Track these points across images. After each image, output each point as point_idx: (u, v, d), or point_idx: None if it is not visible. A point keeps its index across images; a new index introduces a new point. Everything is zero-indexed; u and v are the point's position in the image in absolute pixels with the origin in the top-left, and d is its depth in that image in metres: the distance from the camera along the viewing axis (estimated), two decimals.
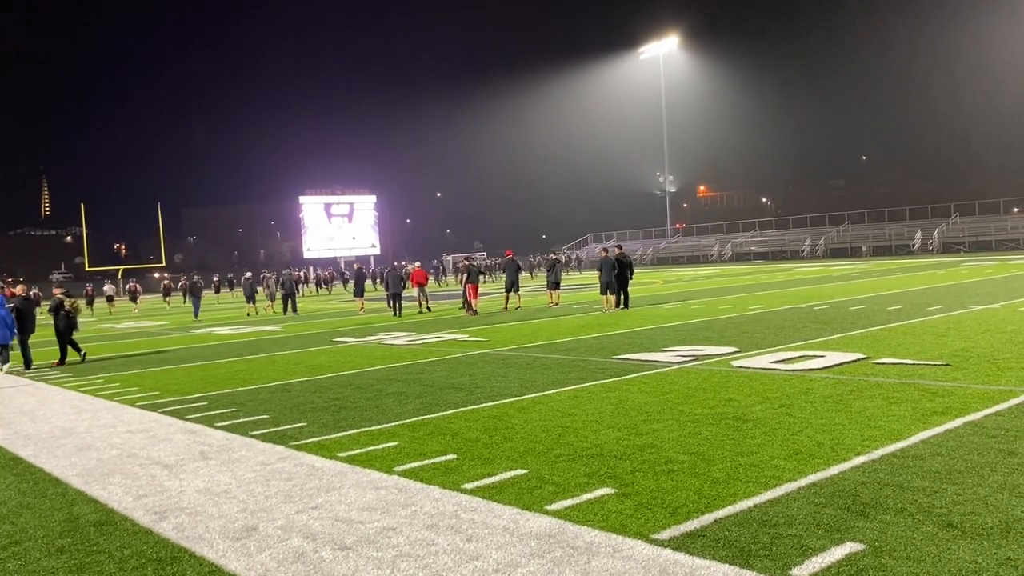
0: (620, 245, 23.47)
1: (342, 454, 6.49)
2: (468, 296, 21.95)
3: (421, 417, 7.83)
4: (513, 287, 22.70)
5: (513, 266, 23.34)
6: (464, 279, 22.59)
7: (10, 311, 14.63)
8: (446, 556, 4.16)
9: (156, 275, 64.44)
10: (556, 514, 4.68)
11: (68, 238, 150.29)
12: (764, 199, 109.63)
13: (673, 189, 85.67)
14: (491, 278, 47.13)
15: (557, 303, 23.07)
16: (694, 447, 6.02)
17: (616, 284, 19.85)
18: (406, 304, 24.69)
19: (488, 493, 5.19)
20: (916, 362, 9.19)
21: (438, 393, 9.18)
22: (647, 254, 73.27)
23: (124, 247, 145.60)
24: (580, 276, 50.32)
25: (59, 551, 4.67)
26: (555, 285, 23.58)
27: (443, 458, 6.16)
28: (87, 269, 68.15)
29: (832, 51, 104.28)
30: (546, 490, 5.16)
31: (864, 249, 59.22)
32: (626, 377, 9.47)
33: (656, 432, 6.57)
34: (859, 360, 9.58)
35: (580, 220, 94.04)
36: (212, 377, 11.97)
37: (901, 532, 4.08)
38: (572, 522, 4.52)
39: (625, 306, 19.97)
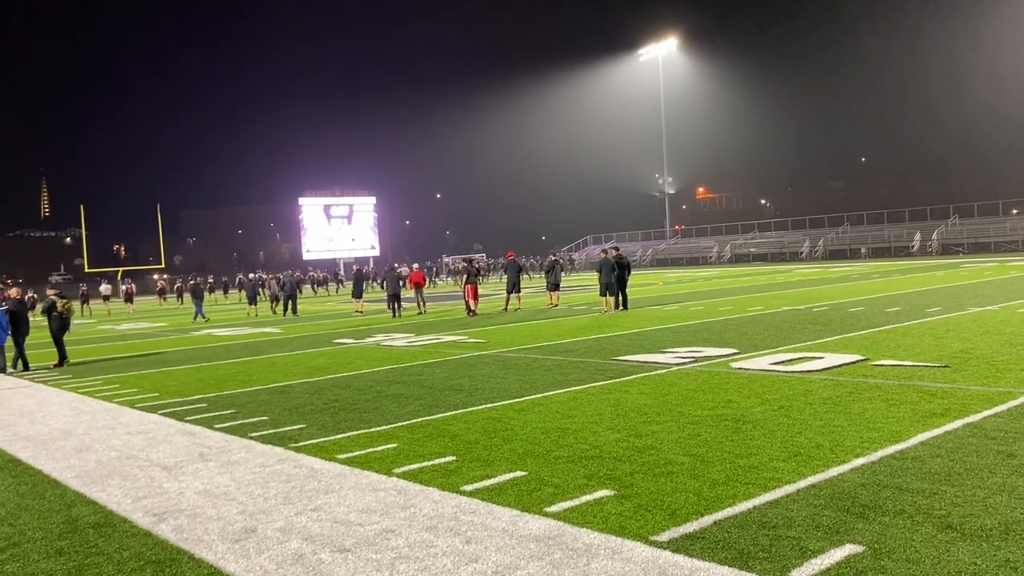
0: (617, 247, 23.48)
1: (341, 456, 6.48)
2: (467, 297, 21.96)
3: (420, 419, 7.83)
4: (514, 288, 22.72)
5: (515, 267, 23.35)
6: (463, 281, 22.61)
7: (4, 313, 14.68)
8: (445, 558, 4.16)
9: (155, 276, 64.34)
10: (555, 516, 4.68)
11: (67, 239, 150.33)
12: (763, 201, 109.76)
13: (672, 191, 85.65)
14: (487, 279, 47.12)
15: (557, 304, 23.07)
16: (693, 449, 6.02)
17: (615, 286, 19.86)
18: (405, 305, 24.69)
19: (487, 495, 5.18)
20: (915, 364, 9.20)
21: (437, 395, 9.18)
22: (646, 255, 73.26)
23: (124, 248, 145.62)
24: (575, 277, 50.26)
25: (58, 553, 4.67)
26: (555, 286, 23.59)
27: (442, 460, 6.15)
28: (86, 270, 68.03)
29: (831, 53, 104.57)
30: (545, 492, 5.16)
31: (863, 251, 59.25)
32: (625, 379, 9.47)
33: (655, 434, 6.57)
34: (858, 362, 9.58)
35: (579, 221, 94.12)
36: (211, 379, 11.97)
37: (900, 534, 4.08)
38: (571, 524, 4.52)
39: (624, 307, 19.97)
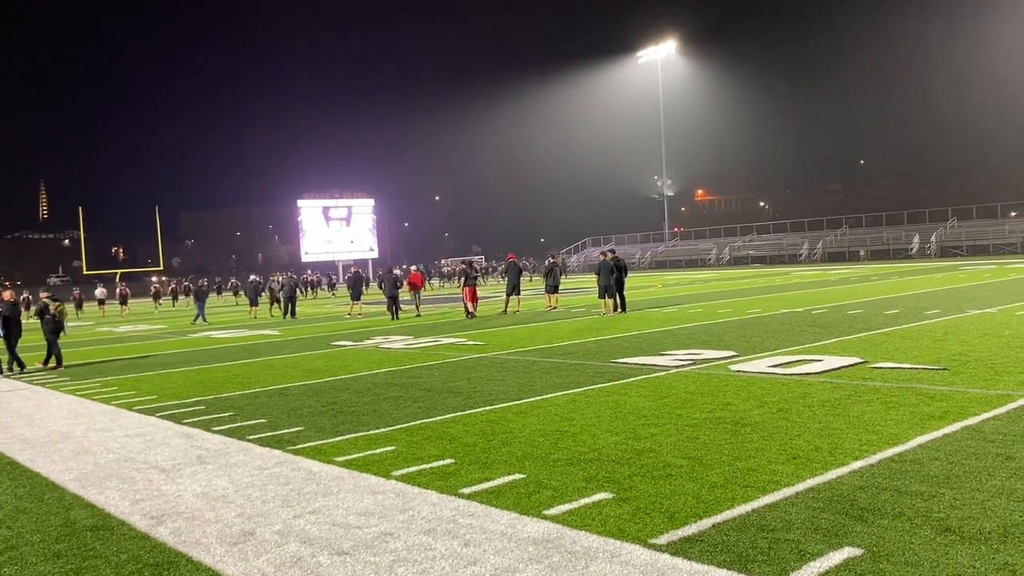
0: (613, 249, 23.48)
1: (339, 458, 6.47)
2: (466, 300, 21.96)
3: (419, 421, 7.82)
4: (514, 290, 22.72)
5: (515, 269, 23.35)
6: (462, 283, 22.61)
7: None
8: (444, 561, 4.15)
9: (154, 278, 64.28)
10: (554, 519, 4.67)
11: (66, 242, 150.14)
12: (762, 203, 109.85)
13: (671, 193, 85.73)
14: (486, 281, 47.11)
15: (555, 307, 23.07)
16: (692, 451, 6.01)
17: (614, 288, 19.86)
18: (404, 308, 24.67)
19: (486, 498, 5.18)
20: (914, 366, 9.20)
21: (436, 397, 9.17)
22: (645, 258, 73.27)
23: (122, 250, 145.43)
24: (571, 280, 50.24)
25: (55, 556, 4.66)
26: (553, 288, 23.59)
27: (441, 463, 6.15)
28: (85, 273, 68.01)
29: (830, 55, 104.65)
30: (544, 495, 5.15)
31: (862, 253, 59.29)
32: (624, 381, 9.46)
33: (654, 436, 6.57)
34: (857, 364, 9.58)
35: (579, 223, 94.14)
36: (209, 381, 11.96)
37: (899, 537, 4.08)
38: (570, 527, 4.52)
39: (623, 310, 19.97)
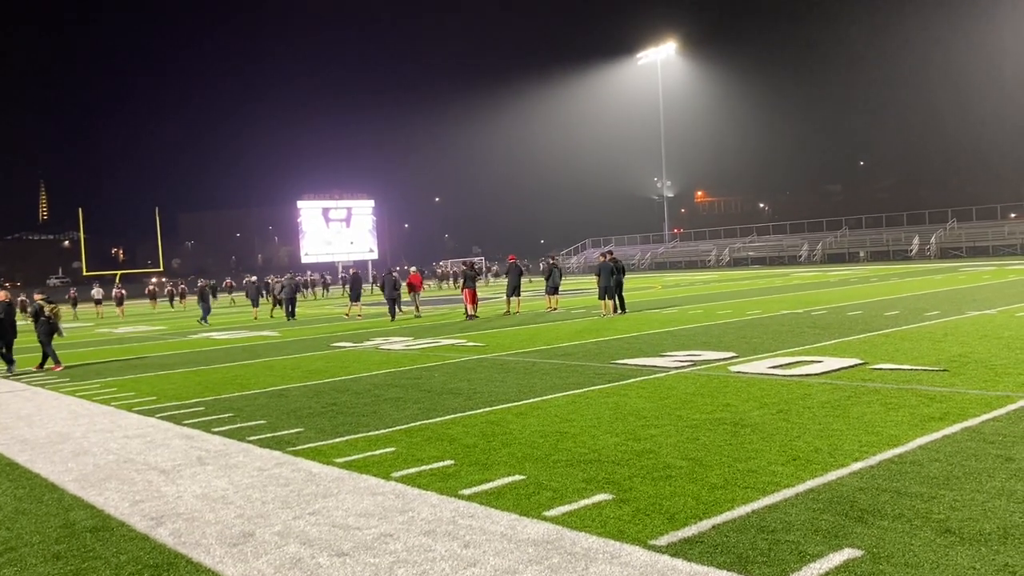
0: (611, 251, 23.49)
1: (339, 460, 6.47)
2: (466, 301, 21.96)
3: (419, 423, 7.82)
4: (514, 292, 22.72)
5: (516, 270, 23.35)
6: (461, 284, 22.61)
7: None
8: (444, 562, 4.15)
9: (154, 279, 64.28)
10: (554, 520, 4.67)
11: (66, 243, 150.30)
12: (762, 204, 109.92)
13: (671, 194, 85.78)
14: (487, 282, 47.14)
15: (555, 308, 23.06)
16: (692, 453, 6.01)
17: (614, 289, 19.86)
18: (404, 309, 24.68)
19: (486, 499, 5.18)
20: (914, 367, 9.20)
21: (436, 398, 9.17)
22: (645, 259, 73.27)
23: (122, 252, 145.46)
24: (571, 281, 50.27)
25: (55, 557, 4.66)
26: (553, 290, 23.59)
27: (441, 464, 6.15)
28: (85, 274, 67.92)
29: (830, 56, 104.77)
30: (544, 496, 5.15)
31: (862, 254, 59.29)
32: (624, 382, 9.46)
33: (654, 437, 6.56)
34: (857, 365, 9.58)
35: (578, 225, 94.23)
36: (209, 382, 11.96)
37: (899, 538, 4.08)
38: (570, 528, 4.51)
39: (622, 311, 19.97)
